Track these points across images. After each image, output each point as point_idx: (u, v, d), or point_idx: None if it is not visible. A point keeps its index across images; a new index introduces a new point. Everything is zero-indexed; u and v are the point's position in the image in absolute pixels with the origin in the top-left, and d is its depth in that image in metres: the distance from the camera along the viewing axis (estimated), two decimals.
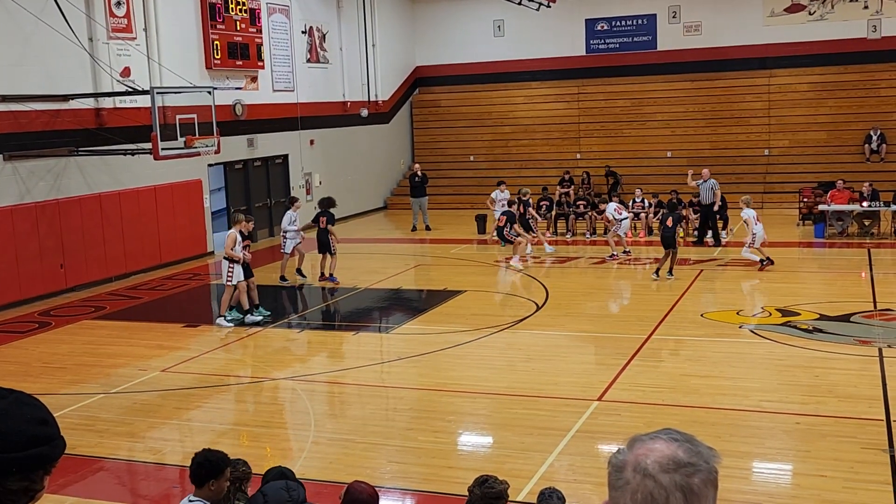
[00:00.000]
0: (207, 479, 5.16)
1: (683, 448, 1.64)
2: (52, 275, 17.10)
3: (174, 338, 14.12)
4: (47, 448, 1.96)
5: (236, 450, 9.10)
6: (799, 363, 11.46)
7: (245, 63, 22.38)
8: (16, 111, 16.40)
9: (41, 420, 1.97)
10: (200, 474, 5.18)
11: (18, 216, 16.43)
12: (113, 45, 18.41)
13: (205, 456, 5.28)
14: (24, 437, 1.92)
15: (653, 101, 28.48)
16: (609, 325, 14.23)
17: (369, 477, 6.72)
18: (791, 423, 9.44)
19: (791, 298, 14.89)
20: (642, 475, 1.60)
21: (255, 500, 4.79)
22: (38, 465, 1.95)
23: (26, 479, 1.93)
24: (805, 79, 27.16)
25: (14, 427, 1.92)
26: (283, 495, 4.76)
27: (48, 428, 1.98)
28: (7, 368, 12.45)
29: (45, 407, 2.01)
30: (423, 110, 31.45)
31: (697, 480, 1.61)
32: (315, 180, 25.80)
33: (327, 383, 11.72)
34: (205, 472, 5.17)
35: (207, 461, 5.22)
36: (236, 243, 14.43)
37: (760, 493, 7.82)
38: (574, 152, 29.05)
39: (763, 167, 26.89)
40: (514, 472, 7.87)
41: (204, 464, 5.21)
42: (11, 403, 1.95)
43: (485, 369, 11.82)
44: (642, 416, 9.66)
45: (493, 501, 5.08)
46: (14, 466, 1.90)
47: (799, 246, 20.78)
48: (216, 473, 5.18)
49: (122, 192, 18.77)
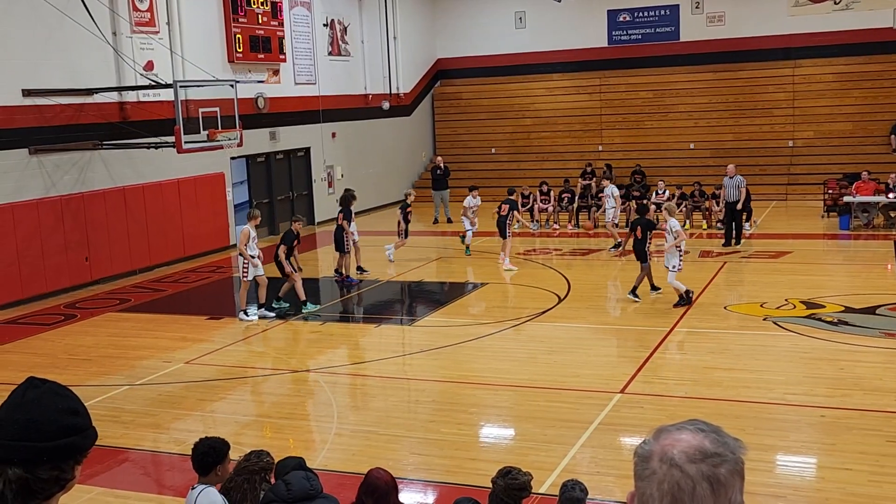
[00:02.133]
0: (214, 466, 5.27)
1: (710, 438, 1.64)
2: (77, 267, 17.26)
3: (197, 330, 14.21)
4: (78, 438, 1.98)
5: (260, 441, 9.17)
6: (824, 356, 11.38)
7: (267, 56, 22.44)
8: (41, 105, 16.54)
9: (73, 410, 2.00)
10: (206, 462, 5.29)
11: (44, 209, 16.58)
12: (136, 39, 18.52)
13: (208, 444, 5.40)
14: (55, 426, 1.94)
15: (675, 92, 28.29)
16: (631, 317, 14.17)
17: (392, 469, 6.73)
18: (816, 416, 9.38)
19: (816, 291, 14.77)
20: (669, 465, 1.59)
21: (278, 488, 4.83)
22: (68, 455, 1.97)
23: (57, 469, 1.96)
24: (830, 69, 26.89)
25: (46, 417, 1.94)
26: (305, 484, 4.81)
27: (79, 418, 2.00)
28: (34, 360, 12.58)
29: (78, 398, 2.04)
30: (445, 103, 31.42)
31: (724, 471, 1.60)
32: (337, 173, 25.86)
33: (350, 375, 11.76)
34: (211, 460, 5.28)
35: (212, 448, 5.34)
36: (250, 239, 14.44)
37: (785, 486, 7.77)
38: (596, 144, 28.93)
39: (787, 159, 26.67)
40: (537, 464, 7.87)
41: (209, 452, 5.32)
42: (44, 393, 1.98)
43: (507, 361, 11.81)
44: (665, 409, 9.62)
45: (517, 493, 5.08)
46: (45, 455, 1.93)
47: (824, 238, 20.61)
48: (221, 458, 5.29)
49: (146, 185, 18.90)
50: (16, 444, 1.92)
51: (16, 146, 16.12)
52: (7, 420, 1.95)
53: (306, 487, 4.78)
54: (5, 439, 1.93)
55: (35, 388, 1.98)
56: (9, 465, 1.92)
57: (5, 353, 13.24)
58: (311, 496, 4.80)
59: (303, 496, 4.79)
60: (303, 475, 4.88)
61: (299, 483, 4.79)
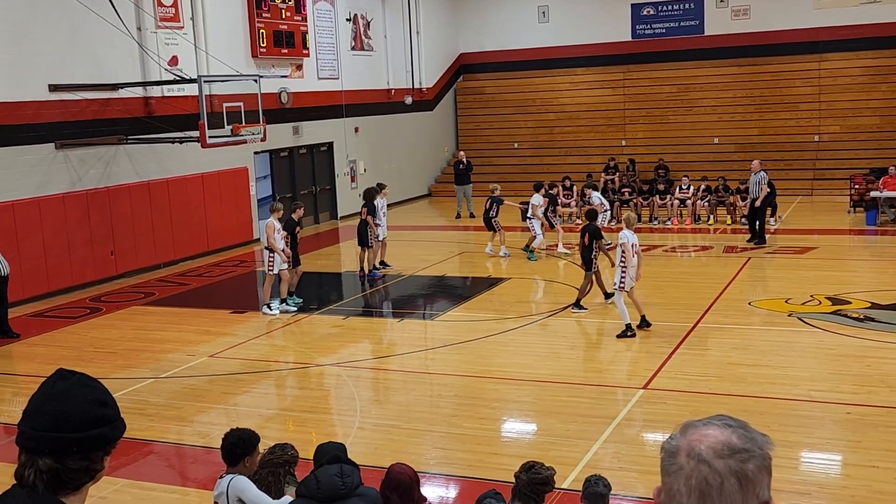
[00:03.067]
0: (243, 457, 5.29)
1: (738, 434, 1.63)
2: (102, 261, 17.41)
3: (221, 324, 14.30)
4: (107, 429, 2.01)
5: (283, 434, 9.21)
6: (849, 352, 11.27)
7: (290, 51, 22.50)
8: (66, 100, 16.68)
9: (102, 402, 2.02)
10: (236, 453, 5.31)
11: (70, 203, 16.73)
12: (161, 35, 18.63)
13: (238, 435, 5.41)
14: (84, 417, 1.97)
15: (700, 86, 28.10)
16: (655, 312, 14.09)
17: (414, 463, 6.74)
18: (841, 413, 9.30)
19: (841, 287, 14.64)
20: (696, 461, 1.58)
21: (309, 483, 4.80)
22: (97, 446, 2.00)
23: (86, 459, 1.98)
24: (857, 63, 26.59)
25: (75, 408, 1.97)
26: (337, 482, 4.72)
27: (108, 410, 2.03)
28: (60, 353, 12.71)
29: (106, 389, 2.06)
30: (467, 97, 31.38)
31: (752, 466, 1.59)
32: (360, 167, 25.90)
33: (372, 369, 11.78)
34: (240, 451, 5.30)
35: (241, 440, 5.35)
36: (275, 231, 14.47)
37: (810, 483, 7.72)
38: (619, 139, 28.79)
39: (813, 153, 26.42)
40: (559, 459, 7.85)
41: (238, 443, 5.34)
42: (74, 385, 2.00)
43: (529, 356, 11.80)
44: (689, 405, 9.58)
45: (540, 487, 5.07)
46: (75, 446, 1.95)
47: (850, 234, 20.42)
48: (250, 450, 5.31)
49: (170, 179, 19.02)
50: (46, 435, 1.94)
51: (42, 141, 16.27)
52: (38, 411, 1.98)
53: (337, 486, 4.70)
54: (37, 430, 1.96)
55: (65, 380, 2.01)
56: (40, 456, 1.95)
57: (32, 345, 13.39)
58: (342, 495, 4.70)
59: (333, 496, 4.72)
60: (336, 471, 4.76)
61: (330, 482, 4.72)
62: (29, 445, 1.97)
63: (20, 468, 1.98)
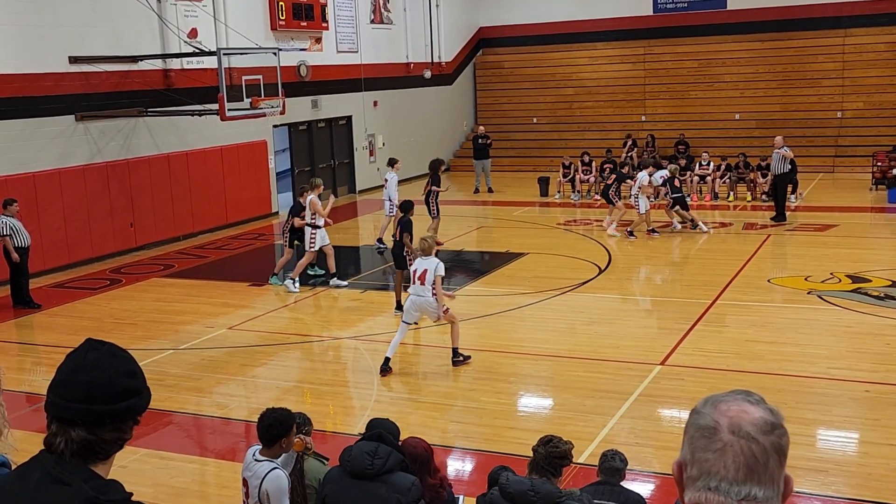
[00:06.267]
0: (279, 438, 5.20)
1: (766, 409, 1.65)
2: (122, 233, 17.51)
3: (240, 296, 14.37)
4: (137, 400, 2.04)
5: (300, 407, 9.23)
6: (869, 330, 11.21)
7: (309, 24, 22.43)
8: (87, 72, 16.71)
9: (131, 372, 2.04)
10: (272, 434, 5.20)
11: (90, 175, 16.81)
12: (180, 7, 18.60)
13: (274, 416, 5.25)
14: (116, 388, 1.99)
15: (722, 61, 27.82)
16: (673, 289, 14.07)
17: (431, 437, 6.78)
18: (860, 391, 9.26)
19: (862, 265, 14.53)
20: (746, 438, 1.60)
21: (344, 453, 4.78)
22: (129, 417, 2.03)
23: (118, 430, 2.01)
24: (882, 38, 26.23)
25: (108, 379, 1.99)
26: (365, 461, 4.69)
27: (137, 380, 2.05)
28: (81, 324, 12.82)
29: (134, 359, 2.08)
30: (487, 72, 31.22)
31: (786, 441, 1.64)
32: (378, 142, 25.87)
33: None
34: (276, 432, 5.20)
35: (277, 421, 5.23)
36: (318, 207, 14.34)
37: (826, 460, 7.70)
38: (639, 114, 28.59)
39: (835, 130, 26.15)
40: (576, 433, 7.86)
41: (274, 424, 5.22)
42: (104, 355, 2.02)
43: (546, 332, 11.80)
44: (706, 382, 9.56)
45: (558, 461, 5.08)
46: (108, 418, 1.98)
47: (871, 211, 20.24)
48: (286, 431, 5.22)
49: (190, 152, 19.07)
50: (80, 407, 1.96)
51: (63, 112, 16.33)
52: (69, 381, 1.98)
53: (364, 464, 4.67)
54: (71, 401, 1.96)
55: (95, 350, 2.02)
56: (72, 427, 1.96)
57: (53, 315, 13.51)
58: (368, 475, 4.67)
59: (359, 473, 4.70)
60: (369, 449, 4.71)
61: (359, 458, 4.68)
62: (62, 415, 1.98)
63: (50, 436, 1.99)
